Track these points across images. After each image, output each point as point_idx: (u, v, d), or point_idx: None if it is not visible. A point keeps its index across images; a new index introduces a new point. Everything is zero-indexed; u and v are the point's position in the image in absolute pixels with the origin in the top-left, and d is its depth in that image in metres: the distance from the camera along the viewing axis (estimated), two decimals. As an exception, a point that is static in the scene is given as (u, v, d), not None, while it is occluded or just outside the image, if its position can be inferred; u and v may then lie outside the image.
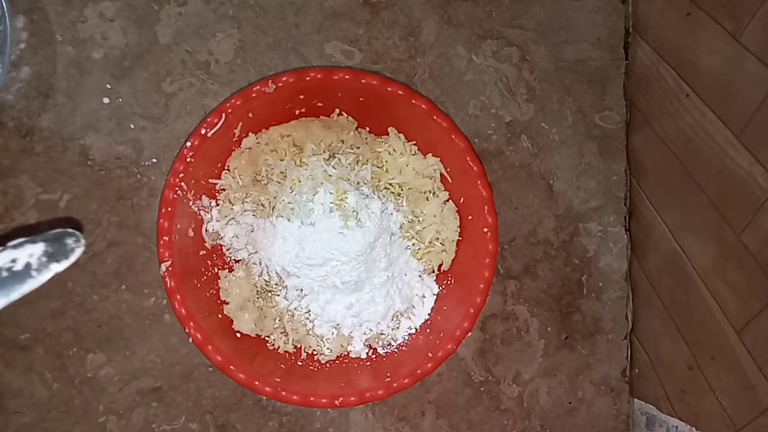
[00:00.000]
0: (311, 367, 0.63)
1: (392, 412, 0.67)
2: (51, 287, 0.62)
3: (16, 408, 0.62)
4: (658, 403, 0.67)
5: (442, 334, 0.63)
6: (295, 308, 0.62)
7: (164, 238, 0.60)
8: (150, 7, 0.62)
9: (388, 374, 0.62)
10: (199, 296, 0.61)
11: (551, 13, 0.67)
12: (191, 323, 0.59)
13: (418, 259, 0.64)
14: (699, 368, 0.59)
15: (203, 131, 0.60)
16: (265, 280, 0.63)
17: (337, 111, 0.63)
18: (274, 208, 0.61)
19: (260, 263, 0.62)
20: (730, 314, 0.55)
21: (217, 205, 0.63)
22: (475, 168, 0.62)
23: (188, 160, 0.60)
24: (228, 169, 0.63)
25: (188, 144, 0.60)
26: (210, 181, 0.62)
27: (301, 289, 0.62)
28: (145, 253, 0.63)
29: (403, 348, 0.64)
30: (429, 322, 0.65)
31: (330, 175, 0.60)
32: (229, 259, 0.63)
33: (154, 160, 0.62)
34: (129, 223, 0.62)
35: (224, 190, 0.63)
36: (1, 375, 0.62)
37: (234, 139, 0.62)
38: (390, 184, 0.64)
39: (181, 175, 0.60)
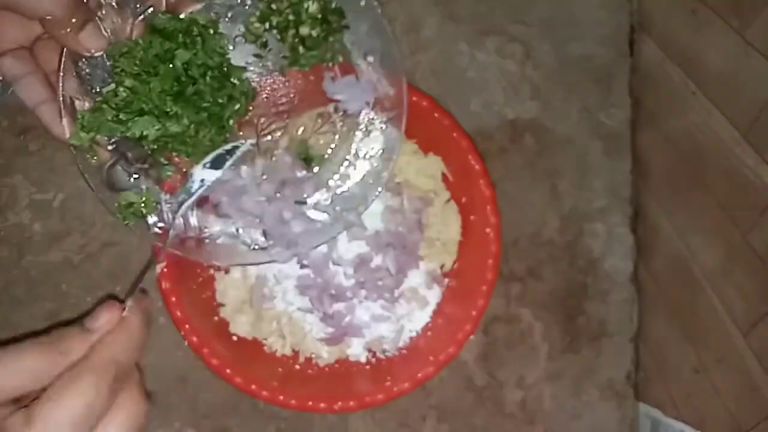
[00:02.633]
0: (309, 371, 0.62)
1: (393, 417, 0.66)
2: (45, 289, 0.62)
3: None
4: (663, 406, 0.66)
5: (443, 337, 0.62)
6: (292, 311, 0.62)
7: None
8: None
9: (389, 378, 0.61)
10: (194, 298, 0.60)
11: (555, 9, 0.66)
12: (187, 326, 0.59)
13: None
14: (705, 371, 0.59)
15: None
16: (262, 281, 0.62)
17: (337, 109, 0.63)
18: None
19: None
20: (736, 317, 0.54)
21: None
22: (477, 167, 0.61)
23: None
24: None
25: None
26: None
27: (300, 291, 0.61)
28: (139, 254, 0.62)
29: (404, 351, 0.63)
30: (430, 324, 0.64)
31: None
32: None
33: (150, 160, 0.62)
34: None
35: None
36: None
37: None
38: (390, 184, 0.63)
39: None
